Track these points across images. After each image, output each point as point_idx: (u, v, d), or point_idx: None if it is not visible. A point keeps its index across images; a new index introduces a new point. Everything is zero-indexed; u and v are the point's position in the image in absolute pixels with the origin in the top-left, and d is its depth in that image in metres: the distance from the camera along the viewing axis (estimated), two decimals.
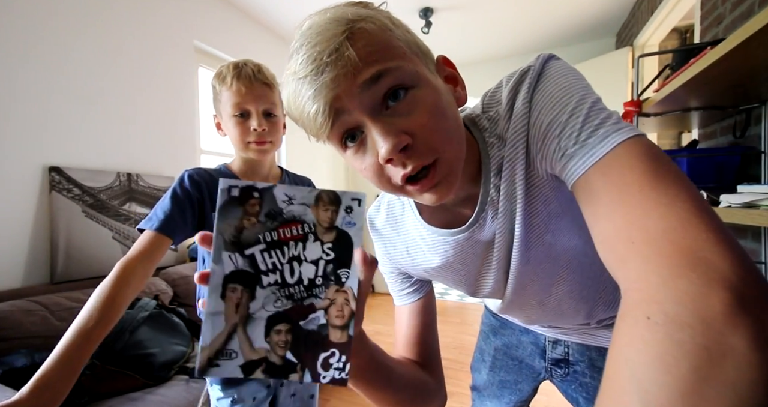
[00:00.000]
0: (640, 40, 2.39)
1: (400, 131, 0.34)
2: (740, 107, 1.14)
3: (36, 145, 1.49)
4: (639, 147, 0.31)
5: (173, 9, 2.08)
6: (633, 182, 0.28)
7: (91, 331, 0.60)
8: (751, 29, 0.63)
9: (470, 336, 2.54)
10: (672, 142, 2.85)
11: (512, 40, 3.08)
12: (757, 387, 0.18)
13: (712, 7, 1.47)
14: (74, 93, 1.62)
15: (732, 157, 1.17)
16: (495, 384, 0.84)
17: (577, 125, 0.34)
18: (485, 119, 0.44)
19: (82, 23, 1.65)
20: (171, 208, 0.72)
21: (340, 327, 0.31)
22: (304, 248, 0.31)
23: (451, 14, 2.63)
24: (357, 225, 0.31)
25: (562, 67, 0.40)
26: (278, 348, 0.30)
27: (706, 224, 0.24)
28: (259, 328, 0.30)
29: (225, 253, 0.30)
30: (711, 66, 0.79)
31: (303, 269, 0.31)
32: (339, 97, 0.34)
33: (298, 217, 0.31)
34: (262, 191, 0.30)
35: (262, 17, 2.66)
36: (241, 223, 0.30)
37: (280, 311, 0.30)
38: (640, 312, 0.23)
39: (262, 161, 0.83)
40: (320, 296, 0.31)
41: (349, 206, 0.31)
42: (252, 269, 0.30)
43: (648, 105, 1.18)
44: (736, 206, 0.79)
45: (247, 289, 0.30)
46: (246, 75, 0.75)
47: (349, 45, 0.33)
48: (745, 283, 0.21)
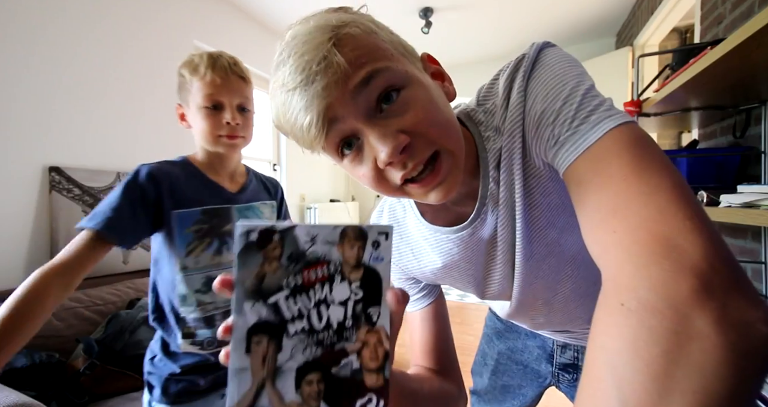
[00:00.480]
0: (640, 40, 2.39)
1: (397, 131, 0.34)
2: (740, 107, 1.14)
3: (36, 145, 1.49)
4: (628, 134, 0.31)
5: (173, 9, 2.08)
6: (618, 171, 0.29)
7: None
8: (751, 29, 0.63)
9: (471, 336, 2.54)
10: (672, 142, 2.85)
11: (512, 40, 3.08)
12: (722, 367, 0.19)
13: (712, 7, 1.47)
14: (74, 93, 1.62)
15: (732, 157, 1.17)
16: (497, 389, 0.82)
17: (570, 112, 0.34)
18: (481, 112, 0.44)
19: (83, 24, 1.65)
20: (120, 206, 0.65)
21: (375, 370, 0.29)
22: (330, 290, 0.29)
23: (451, 14, 2.63)
24: (385, 260, 0.30)
25: (556, 53, 0.40)
26: (311, 401, 0.28)
27: (684, 212, 0.24)
28: (289, 381, 0.28)
29: (246, 303, 0.28)
30: (711, 66, 0.79)
31: (331, 313, 0.29)
32: (332, 105, 0.33)
33: (323, 257, 0.29)
34: (282, 232, 0.28)
35: (263, 17, 2.66)
36: (262, 269, 0.28)
37: (309, 360, 0.28)
38: (615, 300, 0.24)
39: (230, 156, 0.80)
40: (351, 339, 0.29)
41: (376, 241, 0.29)
42: (277, 319, 0.28)
43: (648, 105, 1.18)
44: (736, 206, 0.79)
45: (273, 340, 0.28)
46: (222, 66, 0.72)
47: (337, 51, 0.32)
48: (714, 269, 0.22)
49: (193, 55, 0.75)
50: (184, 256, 0.71)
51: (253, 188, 0.85)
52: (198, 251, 0.72)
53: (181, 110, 0.79)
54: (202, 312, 0.73)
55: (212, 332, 0.74)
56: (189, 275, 0.72)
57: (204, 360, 0.75)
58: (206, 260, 0.73)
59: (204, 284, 0.73)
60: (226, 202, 0.77)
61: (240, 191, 0.81)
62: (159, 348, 0.76)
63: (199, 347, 0.74)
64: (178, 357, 0.74)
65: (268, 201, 0.87)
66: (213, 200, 0.75)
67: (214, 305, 0.74)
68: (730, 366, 0.19)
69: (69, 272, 0.61)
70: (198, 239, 0.72)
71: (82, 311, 1.36)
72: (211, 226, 0.74)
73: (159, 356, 0.75)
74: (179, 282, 0.72)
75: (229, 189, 0.79)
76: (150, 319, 0.76)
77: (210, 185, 0.77)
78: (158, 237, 0.73)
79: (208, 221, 0.73)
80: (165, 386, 0.74)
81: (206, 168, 0.78)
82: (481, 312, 3.08)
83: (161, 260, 0.74)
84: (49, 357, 1.15)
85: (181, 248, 0.71)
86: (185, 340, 0.73)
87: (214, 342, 0.74)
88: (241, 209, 0.79)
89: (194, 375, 0.75)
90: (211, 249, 0.74)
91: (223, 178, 0.80)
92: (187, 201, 0.72)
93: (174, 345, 0.74)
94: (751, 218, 0.69)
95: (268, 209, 0.86)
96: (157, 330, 0.77)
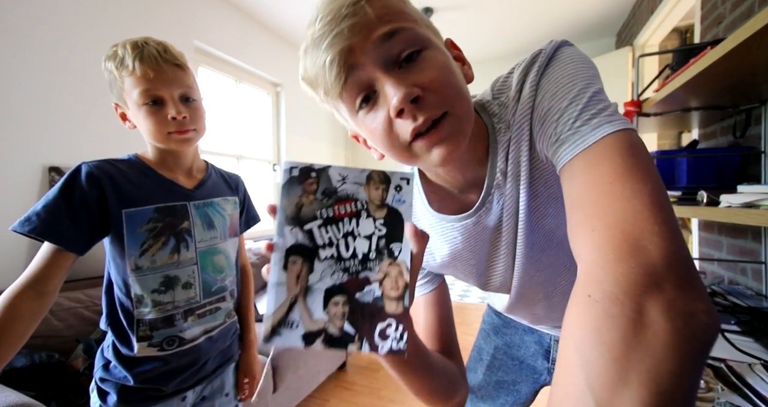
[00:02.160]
0: (640, 40, 2.39)
1: (412, 84, 0.35)
2: (740, 107, 1.14)
3: (36, 145, 1.49)
4: (623, 141, 0.33)
5: (173, 9, 2.08)
6: (606, 174, 0.31)
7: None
8: (751, 29, 0.63)
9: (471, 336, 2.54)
10: (672, 142, 2.85)
11: (512, 40, 3.08)
12: (670, 350, 0.22)
13: (712, 7, 1.47)
14: (74, 93, 1.62)
15: (732, 157, 1.17)
16: (491, 385, 0.83)
17: (575, 112, 0.36)
18: (496, 104, 0.45)
19: (83, 23, 1.65)
20: (57, 207, 0.61)
21: (395, 299, 0.31)
22: (357, 224, 0.33)
23: (451, 14, 2.63)
24: (406, 202, 0.33)
25: (573, 53, 0.41)
26: (336, 320, 0.31)
27: (655, 218, 0.27)
28: (317, 300, 0.31)
29: (286, 227, 0.32)
30: (711, 66, 0.79)
31: (357, 244, 0.32)
32: (353, 49, 0.35)
33: (352, 195, 0.33)
34: (318, 170, 0.33)
35: (262, 17, 2.66)
36: (301, 200, 0.32)
37: (336, 284, 0.32)
38: (583, 291, 0.27)
39: (184, 152, 0.75)
40: (374, 269, 0.32)
41: (398, 185, 0.33)
42: (310, 244, 0.32)
43: (648, 105, 1.18)
44: (736, 206, 0.79)
45: (307, 262, 0.32)
46: (150, 56, 0.65)
47: (367, 4, 0.35)
48: (670, 269, 0.25)
49: (115, 45, 0.67)
50: (138, 256, 0.67)
51: (212, 184, 0.81)
52: (154, 250, 0.68)
53: (120, 110, 0.72)
54: (159, 313, 0.69)
55: (173, 330, 0.70)
56: (143, 276, 0.68)
57: (163, 364, 0.70)
58: (163, 259, 0.69)
59: (162, 284, 0.69)
60: (181, 199, 0.73)
61: (197, 187, 0.77)
62: (112, 354, 0.70)
63: (157, 348, 0.69)
64: (134, 363, 0.69)
65: (230, 197, 0.83)
66: (167, 197, 0.71)
67: (174, 304, 0.70)
68: (676, 348, 0.23)
69: (38, 288, 0.60)
70: (153, 238, 0.68)
71: (82, 311, 1.36)
72: (165, 224, 0.70)
73: (114, 363, 0.70)
74: (133, 283, 0.67)
75: (184, 185, 0.75)
76: (103, 323, 0.71)
77: (163, 182, 0.73)
78: (108, 238, 0.68)
79: (162, 219, 0.70)
80: (122, 393, 0.69)
81: (158, 165, 0.74)
82: (481, 312, 3.08)
83: (111, 263, 0.70)
84: (49, 357, 1.15)
85: (133, 248, 0.67)
86: (141, 343, 0.68)
87: (175, 341, 0.71)
88: (199, 205, 0.75)
89: (155, 383, 0.70)
90: (168, 248, 0.70)
91: (178, 174, 0.76)
92: (136, 200, 0.68)
93: (128, 350, 0.69)
94: (751, 218, 0.69)
95: (230, 205, 0.82)
96: (109, 335, 0.72)
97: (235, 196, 0.86)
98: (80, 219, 0.63)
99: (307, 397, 1.88)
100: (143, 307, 0.68)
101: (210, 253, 0.76)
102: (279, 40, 2.98)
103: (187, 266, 0.73)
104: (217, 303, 0.78)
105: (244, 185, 0.92)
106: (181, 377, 0.73)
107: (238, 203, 0.86)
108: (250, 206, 0.94)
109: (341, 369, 2.21)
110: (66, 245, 0.62)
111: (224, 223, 0.80)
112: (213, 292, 0.77)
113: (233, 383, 0.88)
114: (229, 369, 0.86)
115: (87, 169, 0.65)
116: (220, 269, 0.78)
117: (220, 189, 0.83)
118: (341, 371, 2.20)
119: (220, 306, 0.78)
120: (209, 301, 0.76)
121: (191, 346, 0.73)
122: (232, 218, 0.84)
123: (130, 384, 0.69)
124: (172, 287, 0.70)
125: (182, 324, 0.72)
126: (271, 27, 2.82)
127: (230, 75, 2.61)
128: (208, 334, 0.76)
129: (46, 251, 0.62)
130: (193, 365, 0.75)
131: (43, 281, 0.61)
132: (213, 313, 0.77)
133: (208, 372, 0.79)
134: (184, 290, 0.72)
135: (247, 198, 0.92)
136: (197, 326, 0.74)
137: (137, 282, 0.68)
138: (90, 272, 1.53)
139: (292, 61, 3.15)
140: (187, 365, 0.74)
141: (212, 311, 0.77)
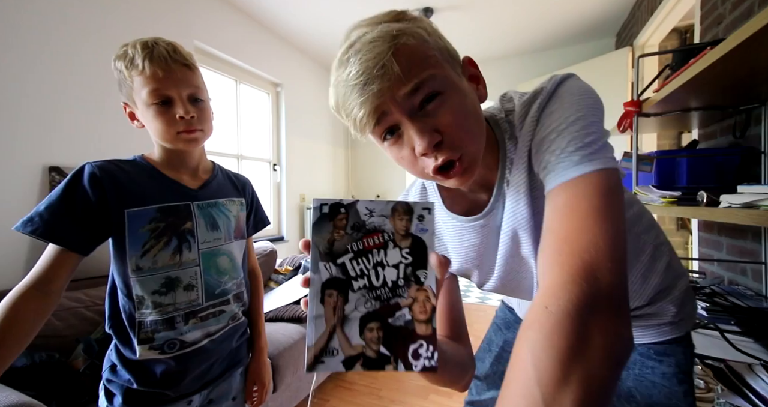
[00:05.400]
0: (640, 41, 2.39)
1: (432, 129, 0.41)
2: (740, 107, 1.14)
3: (36, 145, 1.49)
4: (598, 181, 0.39)
5: (173, 10, 2.08)
6: (580, 208, 0.37)
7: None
8: (751, 29, 0.63)
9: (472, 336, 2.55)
10: (672, 142, 2.85)
11: (512, 40, 3.08)
12: (604, 360, 0.30)
13: (712, 7, 1.47)
14: (74, 93, 1.62)
15: (732, 157, 1.17)
16: (497, 375, 0.85)
17: (561, 145, 0.42)
18: (505, 121, 0.52)
19: (83, 24, 1.65)
20: (59, 208, 0.62)
21: (424, 322, 0.35)
22: (385, 255, 0.36)
23: (451, 14, 2.63)
24: (429, 231, 0.36)
25: (572, 86, 0.46)
26: (372, 344, 0.35)
27: (612, 255, 0.34)
28: (354, 327, 0.35)
29: (321, 263, 0.35)
30: (711, 66, 0.79)
31: (386, 273, 0.36)
32: (383, 104, 0.41)
33: (379, 227, 0.36)
34: (347, 206, 0.36)
35: (262, 17, 2.66)
36: (332, 236, 0.36)
37: (370, 311, 0.35)
38: (542, 302, 0.33)
39: (190, 152, 0.75)
40: (404, 295, 0.36)
41: (420, 215, 0.36)
42: (344, 276, 0.35)
43: (648, 105, 1.18)
44: (736, 206, 0.79)
45: (342, 294, 0.35)
46: (160, 56, 0.65)
47: (394, 61, 0.40)
48: (611, 300, 0.32)
49: (125, 45, 0.67)
50: (140, 256, 0.67)
51: (218, 185, 0.80)
52: (155, 251, 0.68)
53: (128, 110, 0.73)
54: (160, 314, 0.68)
55: (174, 333, 0.69)
56: (144, 277, 0.67)
57: (166, 367, 0.69)
58: (164, 260, 0.68)
59: (163, 285, 0.68)
60: (185, 199, 0.72)
61: (201, 188, 0.76)
62: (116, 357, 0.70)
63: (158, 351, 0.68)
64: (137, 366, 0.69)
65: (236, 198, 0.83)
66: (170, 197, 0.71)
67: (174, 306, 0.69)
68: (607, 360, 0.30)
69: (43, 288, 0.61)
70: (154, 238, 0.68)
71: (82, 311, 1.36)
72: (167, 224, 0.69)
73: (119, 366, 0.69)
74: (134, 284, 0.67)
75: (189, 186, 0.74)
76: (107, 326, 0.70)
77: (166, 182, 0.72)
78: (111, 238, 0.68)
79: (164, 219, 0.69)
80: (127, 395, 0.69)
81: (164, 166, 0.74)
82: (482, 312, 3.08)
83: (113, 263, 0.69)
84: (49, 357, 1.15)
85: (135, 248, 0.66)
86: (142, 346, 0.67)
87: (176, 344, 0.70)
88: (203, 205, 0.75)
89: (159, 387, 0.70)
90: (170, 248, 0.69)
91: (183, 174, 0.75)
92: (138, 199, 0.67)
93: (130, 352, 0.68)
94: (751, 218, 0.69)
95: (235, 206, 0.81)
96: (113, 339, 0.71)
97: (241, 197, 0.85)
98: (83, 219, 0.63)
99: (307, 397, 1.89)
100: (144, 308, 0.68)
101: (213, 254, 0.75)
102: (279, 40, 2.98)
103: (189, 268, 0.71)
104: (221, 306, 0.76)
105: (252, 188, 0.91)
106: (186, 381, 0.72)
107: (244, 204, 0.85)
108: (258, 209, 0.92)
109: None
110: (69, 246, 0.62)
111: (229, 224, 0.79)
112: (216, 295, 0.75)
113: (241, 388, 0.86)
114: (236, 374, 0.84)
115: (90, 169, 0.65)
116: (224, 271, 0.77)
117: (225, 190, 0.82)
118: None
119: (223, 309, 0.77)
120: (212, 304, 0.74)
121: (194, 349, 0.72)
122: (239, 219, 0.82)
123: (135, 387, 0.68)
124: (173, 289, 0.69)
125: (182, 326, 0.70)
126: (271, 27, 2.82)
127: (230, 75, 2.61)
128: (210, 337, 0.74)
129: (50, 251, 0.62)
130: (197, 368, 0.73)
131: (48, 282, 0.61)
132: (216, 316, 0.75)
133: (215, 375, 0.78)
134: (186, 291, 0.71)
135: (255, 201, 0.91)
136: (198, 329, 0.72)
137: (138, 283, 0.67)
138: (90, 272, 1.53)
139: (292, 61, 3.15)
140: (191, 368, 0.72)
141: (215, 314, 0.75)
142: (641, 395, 0.64)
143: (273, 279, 2.25)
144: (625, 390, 0.66)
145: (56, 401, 1.08)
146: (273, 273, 2.30)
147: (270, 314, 1.90)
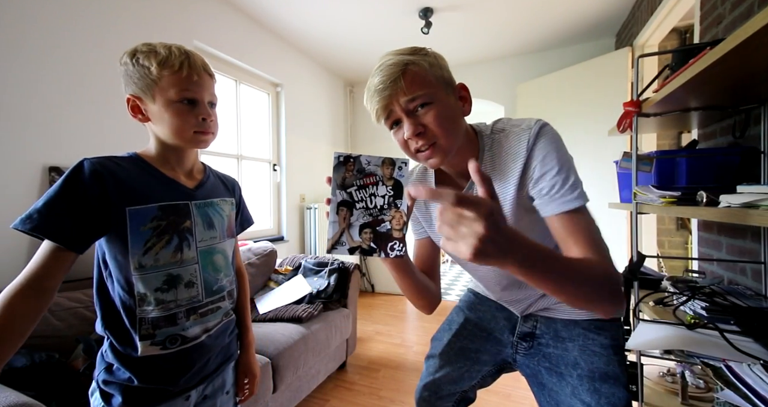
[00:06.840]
0: (640, 41, 2.39)
1: (418, 124, 0.64)
2: (740, 107, 1.14)
3: (36, 145, 1.49)
4: (587, 213, 0.64)
5: (173, 9, 2.08)
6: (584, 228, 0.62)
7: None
8: (751, 29, 0.63)
9: None
10: (672, 142, 2.85)
11: (512, 40, 3.08)
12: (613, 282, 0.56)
13: (712, 7, 1.47)
14: (74, 93, 1.62)
15: (732, 157, 1.17)
16: (453, 350, 0.95)
17: (557, 182, 0.64)
18: (489, 139, 0.73)
19: (83, 24, 1.65)
20: (59, 204, 0.61)
21: (398, 230, 0.58)
22: (377, 189, 0.58)
23: (451, 14, 2.63)
24: (405, 176, 0.58)
25: (554, 133, 0.67)
26: (366, 241, 0.57)
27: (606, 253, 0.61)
28: (355, 231, 0.57)
29: (337, 191, 0.57)
30: (711, 66, 0.79)
31: (377, 200, 0.58)
32: (391, 104, 0.64)
33: (373, 172, 0.58)
34: (354, 158, 0.58)
35: (262, 17, 2.66)
36: (344, 175, 0.58)
37: (366, 222, 0.57)
38: (585, 255, 0.60)
39: (189, 152, 0.79)
40: (387, 214, 0.58)
41: (400, 166, 0.58)
42: (350, 200, 0.58)
43: (648, 105, 1.18)
44: (736, 206, 0.79)
45: (349, 210, 0.57)
46: (197, 63, 0.72)
47: (402, 79, 0.62)
48: (611, 266, 0.59)
49: (152, 45, 0.71)
50: (142, 254, 0.67)
51: (211, 185, 0.83)
52: (157, 249, 0.69)
53: (134, 102, 0.73)
54: (162, 311, 0.69)
55: (175, 329, 0.71)
56: (146, 274, 0.68)
57: (166, 363, 0.70)
58: (166, 258, 0.70)
59: (165, 282, 0.69)
60: (184, 198, 0.74)
61: (197, 187, 0.79)
62: (112, 356, 0.70)
63: (159, 347, 0.69)
64: (138, 363, 0.69)
65: (228, 198, 0.86)
66: (170, 196, 0.72)
67: (176, 303, 0.71)
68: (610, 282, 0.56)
69: (37, 286, 0.61)
70: (156, 237, 0.69)
71: (82, 311, 1.36)
72: (169, 222, 0.70)
73: (116, 365, 0.69)
74: (136, 282, 0.67)
75: (186, 185, 0.77)
76: (99, 327, 0.71)
77: (165, 180, 0.74)
78: (105, 237, 0.68)
79: (166, 217, 0.70)
80: (127, 394, 0.69)
81: (160, 164, 0.75)
82: None
83: (110, 261, 0.69)
84: (49, 357, 1.15)
85: (137, 246, 0.67)
86: (143, 342, 0.68)
87: (177, 339, 0.71)
88: (200, 205, 0.77)
89: (160, 383, 0.71)
90: (171, 246, 0.70)
91: (179, 174, 0.77)
92: (139, 198, 0.68)
93: (130, 349, 0.69)
94: (751, 218, 0.69)
95: (227, 206, 0.85)
96: (107, 338, 0.71)
97: (232, 197, 0.88)
98: (82, 217, 0.63)
99: (307, 397, 1.89)
100: (146, 305, 0.68)
101: (210, 252, 0.77)
102: (279, 41, 2.98)
103: (189, 265, 0.73)
104: (218, 303, 0.79)
105: (240, 189, 0.95)
106: (187, 376, 0.73)
107: (234, 204, 0.89)
108: (244, 209, 0.96)
109: (341, 369, 2.21)
110: (67, 244, 0.62)
111: (223, 223, 0.82)
112: (214, 291, 0.78)
113: (233, 381, 0.89)
114: (229, 368, 0.87)
115: (89, 165, 0.65)
116: (219, 269, 0.79)
117: (218, 190, 0.85)
118: (341, 371, 2.20)
119: (220, 306, 0.79)
120: (211, 300, 0.77)
121: (194, 344, 0.74)
122: (230, 218, 0.85)
123: (135, 385, 0.69)
124: (174, 286, 0.71)
125: (184, 322, 0.72)
126: (272, 27, 2.82)
127: (230, 75, 2.61)
128: (207, 333, 0.76)
129: (45, 249, 0.62)
130: (197, 363, 0.75)
131: (42, 280, 0.61)
132: (214, 312, 0.78)
133: (211, 370, 0.80)
134: (187, 288, 0.72)
135: (242, 201, 0.95)
136: (198, 325, 0.74)
137: (140, 281, 0.68)
138: (90, 273, 1.52)
139: (292, 62, 3.15)
140: (191, 363, 0.74)
141: (213, 310, 0.78)
142: (585, 362, 0.78)
143: (273, 279, 2.25)
144: (572, 358, 0.80)
145: (56, 401, 1.08)
146: (273, 273, 2.29)
147: (270, 314, 1.89)
